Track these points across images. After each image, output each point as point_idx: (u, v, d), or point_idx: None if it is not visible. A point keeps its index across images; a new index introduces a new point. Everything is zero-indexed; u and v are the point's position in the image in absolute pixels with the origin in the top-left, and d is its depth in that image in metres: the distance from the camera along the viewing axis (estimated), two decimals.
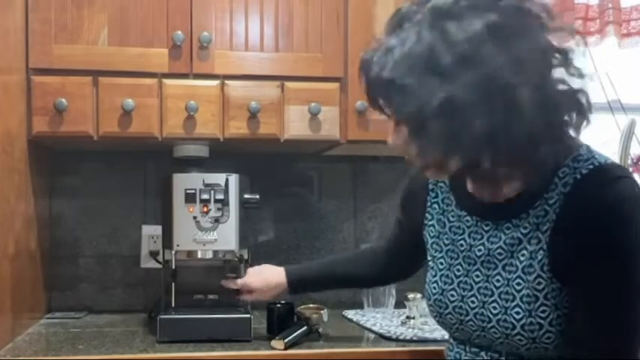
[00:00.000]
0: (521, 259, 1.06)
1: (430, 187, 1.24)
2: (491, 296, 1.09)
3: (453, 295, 1.15)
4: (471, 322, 1.12)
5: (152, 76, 1.80)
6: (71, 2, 1.77)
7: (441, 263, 1.19)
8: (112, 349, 1.57)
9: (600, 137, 2.47)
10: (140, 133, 1.79)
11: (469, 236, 1.14)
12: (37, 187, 1.89)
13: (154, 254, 2.09)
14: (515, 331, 1.05)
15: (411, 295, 1.81)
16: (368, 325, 1.83)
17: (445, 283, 1.17)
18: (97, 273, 2.12)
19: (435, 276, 1.20)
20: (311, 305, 1.75)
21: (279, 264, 2.17)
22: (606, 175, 1.01)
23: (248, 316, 1.68)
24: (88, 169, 2.12)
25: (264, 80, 1.85)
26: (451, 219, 1.18)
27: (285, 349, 1.57)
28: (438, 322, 1.21)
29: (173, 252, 1.75)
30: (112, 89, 1.77)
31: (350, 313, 1.99)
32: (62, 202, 2.10)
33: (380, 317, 1.92)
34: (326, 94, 1.86)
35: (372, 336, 1.75)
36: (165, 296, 1.77)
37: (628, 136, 2.18)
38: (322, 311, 1.71)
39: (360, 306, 2.06)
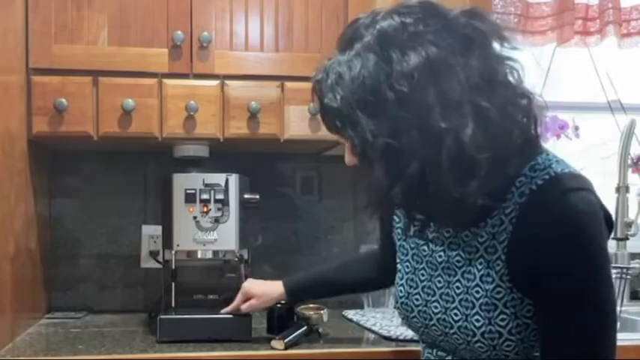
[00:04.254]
0: (479, 267, 1.04)
1: None
2: (452, 302, 1.08)
3: (417, 300, 1.14)
4: (434, 327, 1.12)
5: (152, 76, 1.80)
6: (71, 2, 1.77)
7: (407, 267, 1.18)
8: (111, 349, 1.57)
9: (600, 137, 2.48)
10: (140, 133, 1.79)
11: (431, 242, 1.13)
12: (37, 187, 1.89)
13: (154, 254, 2.09)
14: (476, 339, 1.04)
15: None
16: (368, 325, 1.83)
17: (410, 286, 1.16)
18: (97, 273, 2.12)
19: (401, 279, 1.19)
20: (311, 305, 1.75)
21: (278, 264, 2.18)
22: (560, 187, 0.98)
23: (248, 316, 1.68)
24: (88, 169, 2.12)
25: (264, 80, 1.85)
26: (416, 224, 1.16)
27: (285, 349, 1.57)
28: (405, 324, 1.21)
29: (173, 252, 1.75)
30: (112, 89, 1.77)
31: (350, 313, 1.99)
32: (62, 202, 2.10)
33: (380, 317, 1.92)
34: None
35: (372, 336, 1.75)
36: (165, 296, 1.77)
37: (628, 136, 2.18)
38: (322, 311, 1.71)
39: (360, 306, 2.06)
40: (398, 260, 1.22)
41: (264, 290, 1.64)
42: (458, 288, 1.07)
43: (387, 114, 0.93)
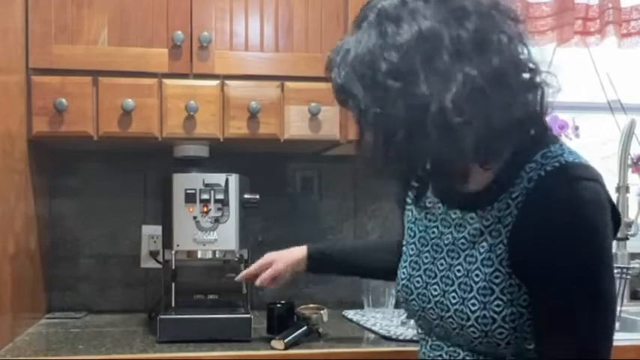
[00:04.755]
0: (481, 250, 1.05)
1: None
2: (451, 285, 1.08)
3: (418, 282, 1.15)
4: (431, 311, 1.12)
5: (152, 76, 1.80)
6: (71, 2, 1.77)
7: (412, 249, 1.19)
8: (111, 349, 1.57)
9: (600, 137, 2.48)
10: (140, 133, 1.79)
11: (441, 224, 1.14)
12: (37, 187, 1.89)
13: (154, 254, 2.09)
14: (470, 323, 1.04)
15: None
16: (368, 325, 1.83)
17: (413, 269, 1.17)
18: (97, 273, 2.12)
19: (405, 261, 1.20)
20: (311, 305, 1.75)
21: None
22: (568, 175, 0.99)
23: (248, 316, 1.68)
24: (88, 169, 2.12)
25: (264, 80, 1.85)
26: (427, 205, 1.18)
27: (285, 349, 1.57)
28: (404, 308, 1.21)
29: (173, 252, 1.75)
30: (112, 89, 1.77)
31: (350, 313, 1.99)
32: (62, 202, 2.10)
33: (380, 317, 1.92)
34: (326, 94, 1.83)
35: (372, 336, 1.75)
36: (165, 296, 1.77)
37: (628, 136, 2.18)
38: (322, 311, 1.71)
39: (360, 306, 2.06)
40: (404, 243, 1.22)
41: (284, 253, 1.62)
42: (459, 271, 1.08)
43: (379, 85, 0.96)
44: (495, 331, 1.02)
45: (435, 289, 1.11)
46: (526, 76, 1.00)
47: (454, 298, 1.07)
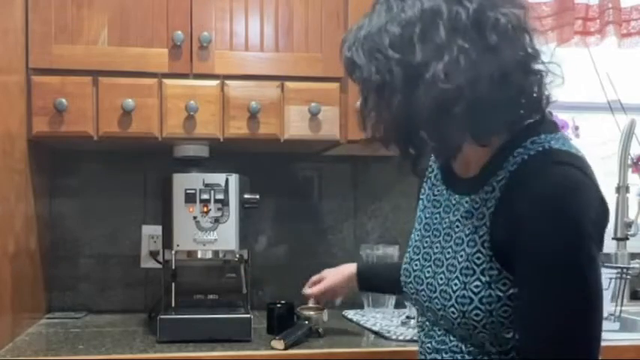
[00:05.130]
0: (467, 232, 1.07)
1: (430, 162, 1.27)
2: (441, 267, 1.11)
3: (416, 265, 1.18)
4: (423, 292, 1.14)
5: (152, 76, 1.80)
6: (71, 2, 1.77)
7: (417, 235, 1.22)
8: (111, 349, 1.57)
9: (600, 137, 2.48)
10: (140, 133, 1.79)
11: (442, 210, 1.17)
12: (37, 187, 1.89)
13: (154, 254, 2.09)
14: (450, 303, 1.06)
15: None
16: (368, 325, 1.83)
17: (415, 253, 1.20)
18: (97, 273, 2.12)
19: (409, 247, 1.23)
20: (311, 305, 1.75)
21: (279, 264, 2.18)
22: (549, 159, 1.01)
23: (248, 316, 1.68)
24: (88, 169, 2.12)
25: (264, 80, 1.85)
26: (435, 193, 1.22)
27: (285, 348, 1.57)
28: (404, 292, 1.23)
29: (173, 252, 1.75)
30: (112, 89, 1.77)
31: (350, 313, 1.99)
32: (62, 202, 2.10)
33: (380, 317, 1.92)
34: (326, 94, 1.86)
35: (372, 336, 1.75)
36: (165, 296, 1.77)
37: (628, 136, 2.18)
38: (322, 311, 1.71)
39: (360, 306, 2.06)
40: (413, 230, 1.25)
41: (334, 270, 1.71)
42: (448, 253, 1.11)
43: (381, 56, 1.02)
44: (472, 312, 1.03)
45: (428, 271, 1.14)
46: (524, 57, 1.03)
47: (441, 279, 1.10)
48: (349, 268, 1.70)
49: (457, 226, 1.11)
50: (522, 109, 1.05)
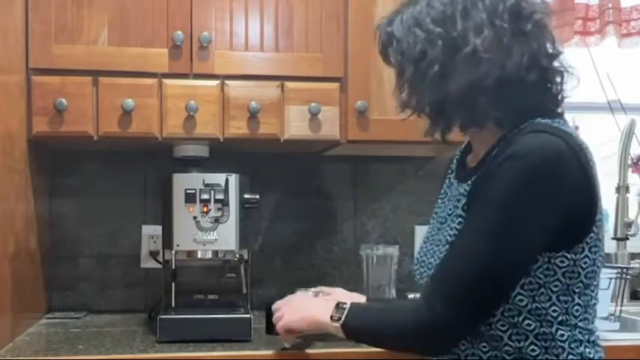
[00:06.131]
0: (457, 212, 1.16)
1: (451, 165, 1.34)
2: (437, 245, 1.18)
3: (422, 249, 1.25)
4: (418, 272, 1.23)
5: (152, 76, 1.79)
6: (71, 2, 1.77)
7: (430, 226, 1.29)
8: (111, 349, 1.57)
9: (600, 137, 2.48)
10: (140, 133, 1.79)
11: (448, 199, 1.25)
12: (37, 187, 1.89)
13: (154, 254, 2.09)
14: (430, 272, 1.15)
15: (410, 296, 1.80)
16: None
17: (424, 242, 1.27)
18: (97, 273, 2.12)
19: (424, 236, 1.30)
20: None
21: (279, 264, 2.18)
22: (533, 128, 1.08)
23: (248, 316, 1.68)
24: (88, 169, 2.12)
25: (264, 80, 1.85)
26: (448, 186, 1.29)
27: (292, 347, 1.55)
28: (415, 282, 1.29)
29: (173, 252, 1.75)
30: (112, 89, 1.77)
31: None
32: (62, 202, 2.10)
33: None
34: (326, 94, 1.86)
35: None
36: (165, 296, 1.77)
37: (628, 136, 2.18)
38: None
39: None
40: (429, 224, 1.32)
41: (346, 292, 1.61)
42: (442, 233, 1.18)
43: (424, 28, 1.13)
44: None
45: (426, 253, 1.22)
46: (550, 51, 1.13)
47: (432, 255, 1.19)
48: (359, 298, 1.60)
49: (449, 209, 1.19)
50: (543, 98, 1.13)
